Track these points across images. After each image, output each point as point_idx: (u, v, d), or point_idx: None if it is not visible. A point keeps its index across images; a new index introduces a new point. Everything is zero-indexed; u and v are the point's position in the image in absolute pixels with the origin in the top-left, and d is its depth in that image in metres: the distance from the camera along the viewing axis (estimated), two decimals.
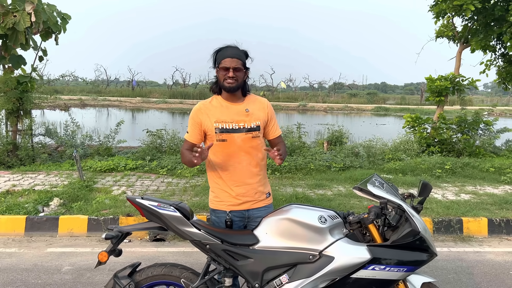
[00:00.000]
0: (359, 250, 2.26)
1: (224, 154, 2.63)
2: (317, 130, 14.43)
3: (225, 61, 2.55)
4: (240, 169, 2.64)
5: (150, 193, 6.22)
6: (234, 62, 2.55)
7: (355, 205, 5.78)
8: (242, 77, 2.62)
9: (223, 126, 2.60)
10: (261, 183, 2.71)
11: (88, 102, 34.77)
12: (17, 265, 4.12)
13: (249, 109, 2.66)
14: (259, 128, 2.66)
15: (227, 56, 2.56)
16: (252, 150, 2.65)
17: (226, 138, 2.60)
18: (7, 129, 8.30)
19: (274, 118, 2.80)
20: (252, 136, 2.64)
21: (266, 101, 2.81)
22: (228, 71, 2.55)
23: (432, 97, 10.63)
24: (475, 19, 10.04)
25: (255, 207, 2.69)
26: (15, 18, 7.22)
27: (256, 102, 2.74)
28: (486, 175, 7.87)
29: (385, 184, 2.45)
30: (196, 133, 2.67)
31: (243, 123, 2.62)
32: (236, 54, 2.58)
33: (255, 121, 2.65)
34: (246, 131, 2.62)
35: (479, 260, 4.54)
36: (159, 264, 2.49)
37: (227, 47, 2.61)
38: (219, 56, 2.60)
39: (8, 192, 6.04)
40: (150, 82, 62.14)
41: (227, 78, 2.56)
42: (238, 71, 2.57)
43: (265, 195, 2.75)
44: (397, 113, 33.90)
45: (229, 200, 2.66)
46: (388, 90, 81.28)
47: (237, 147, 2.61)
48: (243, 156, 2.63)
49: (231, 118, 2.61)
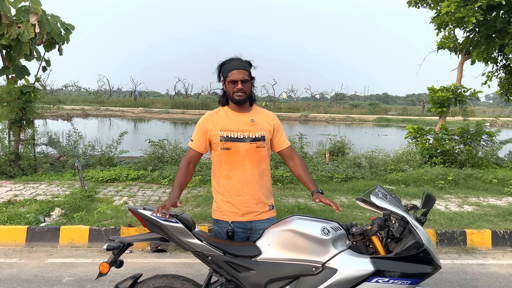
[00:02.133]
0: (362, 262, 2.23)
1: (227, 162, 2.64)
2: (319, 141, 14.41)
3: (232, 73, 2.58)
4: (243, 178, 2.63)
5: (152, 203, 6.20)
6: (241, 74, 2.59)
7: (357, 216, 5.74)
8: (250, 88, 2.67)
9: (228, 134, 2.62)
10: (264, 194, 2.70)
11: (91, 112, 34.87)
12: (17, 276, 4.09)
13: (254, 119, 2.69)
14: (264, 138, 2.67)
15: (233, 68, 2.59)
16: (256, 160, 2.65)
17: (230, 147, 2.61)
18: (9, 139, 8.32)
19: (280, 130, 2.81)
20: (257, 146, 2.65)
21: (272, 114, 2.85)
22: (236, 84, 2.58)
23: (434, 108, 10.63)
24: (476, 30, 10.08)
25: (258, 219, 2.67)
26: (20, 29, 7.28)
27: (262, 113, 2.78)
28: (489, 187, 7.83)
29: (388, 196, 2.44)
30: (201, 141, 2.68)
31: (248, 133, 2.63)
32: (242, 66, 2.61)
33: (260, 131, 2.67)
34: (250, 141, 2.63)
35: (483, 272, 4.49)
36: (161, 275, 2.48)
37: (231, 59, 2.65)
38: (224, 69, 2.64)
39: (10, 202, 6.03)
40: (152, 92, 62.38)
41: (236, 91, 2.59)
42: (246, 83, 2.61)
43: (268, 207, 2.72)
44: (399, 123, 33.90)
45: (231, 211, 2.65)
46: (390, 101, 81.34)
47: (241, 156, 2.62)
48: (247, 165, 2.63)
49: (236, 127, 2.63)
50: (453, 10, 9.15)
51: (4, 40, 7.31)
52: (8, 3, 7.37)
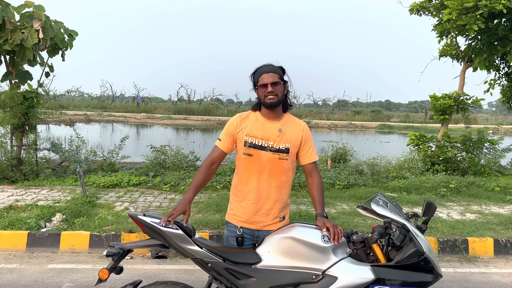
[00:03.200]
0: (362, 270, 2.22)
1: (247, 168, 2.61)
2: (321, 147, 14.39)
3: (262, 77, 2.56)
4: (259, 187, 2.59)
5: (153, 209, 6.20)
6: (271, 77, 2.55)
7: (359, 223, 5.72)
8: (282, 91, 2.60)
9: (252, 140, 2.58)
10: (277, 207, 2.63)
11: (93, 117, 34.97)
12: (17, 281, 4.08)
13: (282, 129, 2.62)
14: (287, 150, 2.60)
15: (263, 72, 2.57)
16: (276, 171, 2.59)
17: (252, 153, 2.58)
18: (12, 144, 8.34)
19: (308, 143, 2.70)
20: (279, 157, 2.58)
21: (304, 125, 2.74)
22: (266, 87, 2.55)
23: (436, 116, 10.62)
24: (478, 38, 10.10)
25: (266, 229, 2.61)
26: (23, 34, 7.33)
27: (293, 124, 2.69)
28: (492, 195, 7.80)
29: (389, 203, 2.43)
30: (229, 142, 2.65)
31: (272, 142, 2.58)
32: (272, 69, 2.58)
33: (285, 142, 2.60)
34: (273, 151, 2.57)
35: (485, 281, 4.46)
36: (160, 282, 2.47)
37: (262, 66, 2.62)
38: (256, 76, 2.61)
39: (11, 207, 6.04)
40: (155, 98, 62.56)
41: (267, 94, 2.55)
42: (277, 85, 2.56)
43: (279, 219, 2.66)
44: (401, 131, 33.86)
45: (241, 216, 2.63)
46: (392, 108, 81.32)
47: (261, 164, 2.58)
48: (265, 175, 2.59)
49: (262, 135, 2.59)
50: (455, 18, 9.18)
51: (7, 46, 7.36)
52: (12, 9, 7.44)
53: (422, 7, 10.90)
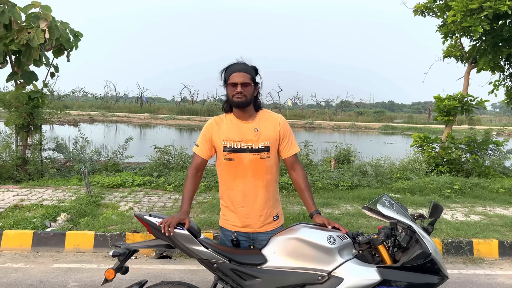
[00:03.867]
0: (368, 272, 2.22)
1: (230, 173, 2.58)
2: (324, 148, 14.39)
3: (233, 76, 2.50)
4: (246, 190, 2.57)
5: (157, 209, 6.21)
6: (242, 77, 2.49)
7: (363, 224, 5.71)
8: (251, 92, 2.54)
9: (231, 145, 2.53)
10: (268, 205, 2.61)
11: (97, 117, 35.10)
12: (23, 281, 4.10)
13: (258, 128, 2.57)
14: (268, 148, 2.56)
15: (234, 71, 2.50)
16: (260, 171, 2.56)
17: (233, 158, 2.54)
18: (17, 144, 8.38)
19: (288, 136, 2.64)
20: (260, 157, 2.55)
21: (280, 118, 2.67)
22: (236, 86, 2.48)
23: (440, 117, 10.59)
24: (483, 39, 10.06)
25: (261, 231, 2.60)
26: (29, 34, 7.37)
27: (268, 119, 2.63)
28: (496, 196, 7.77)
29: (395, 205, 2.43)
30: (206, 147, 2.61)
31: (251, 143, 2.54)
32: (244, 69, 2.52)
33: (263, 141, 2.55)
34: (253, 152, 2.53)
35: (490, 283, 4.44)
36: (166, 282, 2.47)
37: (235, 63, 2.55)
38: (227, 73, 2.54)
39: (16, 207, 6.07)
40: (158, 99, 62.73)
41: (235, 94, 2.49)
42: (247, 86, 2.50)
43: (272, 218, 2.63)
44: (404, 132, 33.79)
45: (234, 221, 2.61)
46: (396, 109, 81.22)
47: (243, 167, 2.54)
48: (250, 177, 2.56)
49: (240, 137, 2.54)
50: (459, 20, 9.15)
51: (14, 46, 7.40)
52: (19, 9, 7.48)
53: (426, 8, 10.87)
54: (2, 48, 7.52)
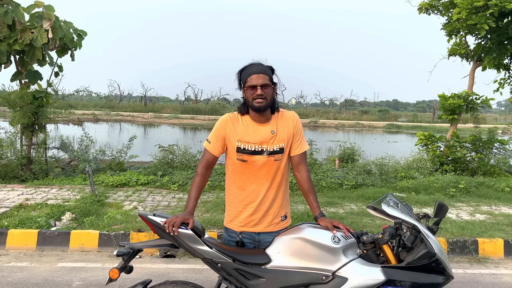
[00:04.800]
0: (373, 272, 2.21)
1: (242, 173, 2.54)
2: (328, 147, 14.37)
3: (251, 78, 2.41)
4: (257, 191, 2.54)
5: (161, 208, 6.22)
6: (261, 79, 2.40)
7: (367, 223, 5.70)
8: (271, 94, 2.46)
9: (245, 146, 2.48)
10: (278, 205, 2.58)
11: (101, 117, 35.21)
12: (28, 280, 4.12)
13: (274, 131, 2.51)
14: (282, 150, 2.52)
15: (252, 73, 2.41)
16: (272, 172, 2.53)
17: (246, 159, 2.50)
18: (21, 143, 8.42)
19: (298, 135, 2.58)
20: (275, 159, 2.51)
21: (293, 116, 2.60)
22: (255, 89, 2.40)
23: (445, 115, 10.53)
24: (488, 37, 10.00)
25: (268, 231, 2.57)
26: (33, 34, 7.39)
27: (283, 119, 2.56)
28: (502, 195, 7.72)
29: (400, 204, 2.41)
30: (219, 145, 2.54)
31: (266, 145, 2.49)
32: (262, 70, 2.43)
33: (279, 143, 2.51)
34: (268, 154, 2.49)
35: (496, 282, 4.42)
36: (170, 281, 2.47)
37: (251, 64, 2.47)
38: (244, 75, 2.46)
39: (21, 206, 6.09)
40: (162, 98, 62.82)
41: (256, 97, 2.40)
42: (266, 88, 2.42)
43: (280, 218, 2.61)
44: (409, 130, 33.68)
45: (240, 221, 2.59)
46: (400, 108, 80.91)
47: (256, 169, 2.51)
48: (262, 179, 2.52)
49: (255, 140, 2.48)
50: (465, 17, 9.10)
51: (17, 46, 7.42)
52: (22, 9, 7.50)
53: (431, 5, 10.80)
54: (6, 48, 7.55)
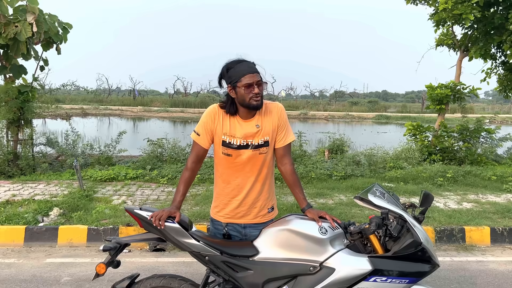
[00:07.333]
0: (360, 261, 2.22)
1: (227, 167, 2.55)
2: (318, 139, 14.41)
3: (246, 77, 2.38)
4: (242, 184, 2.54)
5: (151, 202, 6.20)
6: (256, 77, 2.40)
7: (356, 214, 5.74)
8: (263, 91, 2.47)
9: (230, 141, 2.48)
10: (264, 197, 2.60)
11: (90, 111, 34.83)
12: (16, 276, 4.08)
13: (259, 125, 2.51)
14: (267, 143, 2.52)
15: (246, 72, 2.39)
16: (258, 166, 2.54)
17: (231, 153, 2.50)
18: (7, 139, 8.30)
19: (282, 127, 2.57)
20: (260, 152, 2.52)
21: (277, 108, 2.59)
22: (252, 87, 2.38)
23: (433, 105, 10.62)
24: (475, 27, 10.07)
25: (254, 222, 2.59)
26: (17, 28, 7.26)
27: (267, 112, 2.56)
28: (488, 184, 7.83)
29: (386, 194, 2.43)
30: (208, 138, 2.53)
31: (251, 139, 2.49)
32: (254, 68, 2.43)
33: (264, 136, 2.51)
34: (253, 148, 2.50)
35: (482, 269, 4.49)
36: (158, 275, 2.47)
37: (240, 62, 2.43)
38: (234, 73, 2.40)
39: (8, 202, 6.02)
40: (151, 91, 62.31)
41: (253, 95, 2.38)
42: (261, 85, 2.42)
43: (267, 210, 2.63)
44: (398, 121, 33.87)
45: (227, 213, 2.59)
46: (389, 98, 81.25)
47: (242, 162, 2.51)
48: (248, 172, 2.53)
49: (240, 134, 2.48)
50: (451, 7, 9.13)
51: (1, 40, 7.29)
52: (6, 3, 7.35)
53: None
54: None
